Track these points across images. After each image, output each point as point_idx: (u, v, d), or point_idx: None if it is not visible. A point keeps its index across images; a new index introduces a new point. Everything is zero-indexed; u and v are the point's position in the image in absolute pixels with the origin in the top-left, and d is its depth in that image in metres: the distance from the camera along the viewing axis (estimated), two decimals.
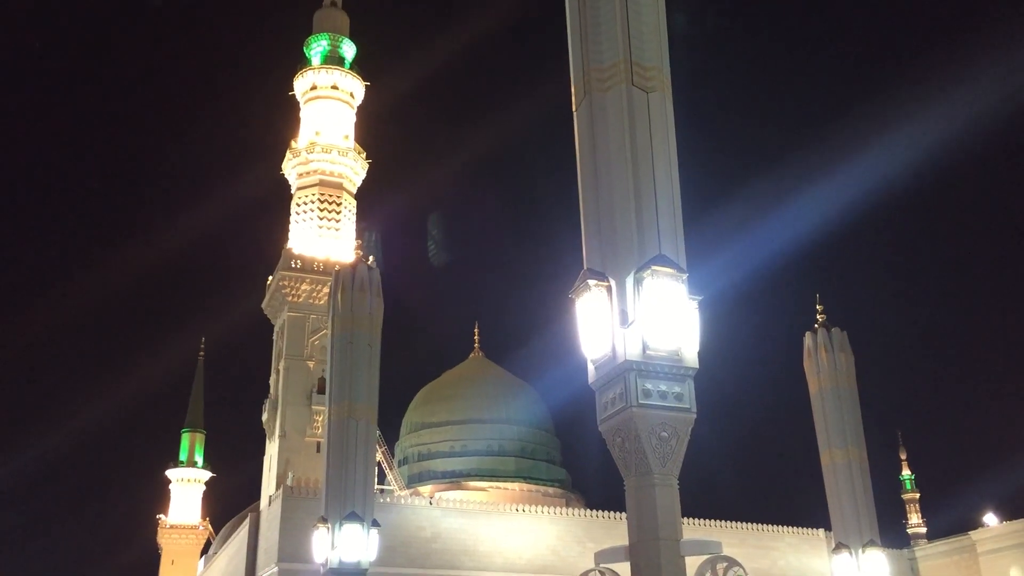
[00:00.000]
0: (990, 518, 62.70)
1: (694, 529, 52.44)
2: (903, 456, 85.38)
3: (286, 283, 61.85)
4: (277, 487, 53.83)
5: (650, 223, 13.06)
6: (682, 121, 14.20)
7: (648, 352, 12.11)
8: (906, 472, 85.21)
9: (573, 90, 14.59)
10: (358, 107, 69.41)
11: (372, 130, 70.90)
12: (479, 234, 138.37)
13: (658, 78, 14.03)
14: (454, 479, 66.92)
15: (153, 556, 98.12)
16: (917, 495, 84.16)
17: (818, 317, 39.74)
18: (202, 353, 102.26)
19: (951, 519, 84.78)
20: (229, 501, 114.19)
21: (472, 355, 76.84)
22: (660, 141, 13.72)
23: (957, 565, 58.61)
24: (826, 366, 38.48)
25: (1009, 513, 61.42)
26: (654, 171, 13.46)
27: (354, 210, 66.63)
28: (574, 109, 14.51)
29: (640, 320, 12.17)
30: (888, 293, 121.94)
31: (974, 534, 58.13)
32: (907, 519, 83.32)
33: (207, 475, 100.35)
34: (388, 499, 53.31)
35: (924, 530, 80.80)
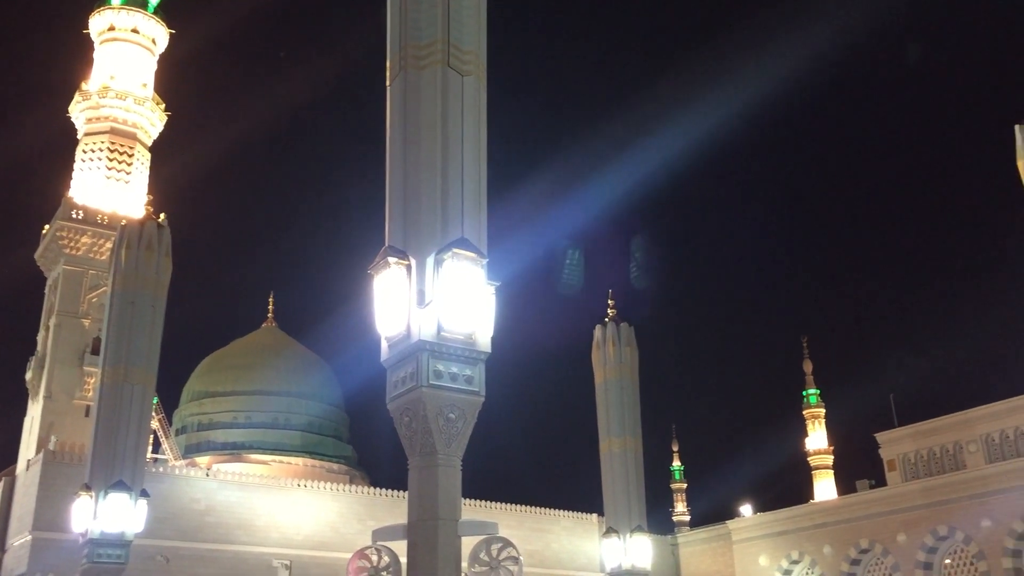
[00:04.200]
0: (746, 509, 67.79)
1: (475, 510, 53.47)
2: (675, 448, 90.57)
3: (64, 234, 57.76)
4: (37, 451, 50.38)
5: (455, 206, 13.11)
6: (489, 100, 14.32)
7: (443, 333, 12.18)
8: (676, 463, 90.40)
9: (388, 64, 14.37)
10: (160, 55, 65.61)
11: (173, 80, 67.29)
12: (279, 200, 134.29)
13: (475, 62, 14.07)
14: (235, 451, 64.99)
15: None
16: (684, 485, 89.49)
17: (609, 311, 41.42)
18: None
19: (713, 508, 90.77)
20: None
21: (265, 325, 74.72)
22: (471, 126, 13.78)
23: (714, 552, 62.90)
24: (612, 358, 40.17)
25: (762, 505, 66.71)
26: (463, 155, 13.51)
27: (147, 163, 63.02)
28: (387, 83, 14.31)
29: (437, 301, 12.21)
30: (675, 286, 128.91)
31: (730, 523, 62.54)
32: (674, 507, 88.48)
33: None
34: (161, 469, 51.11)
35: (688, 518, 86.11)
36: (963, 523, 48.74)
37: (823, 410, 78.45)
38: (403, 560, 12.04)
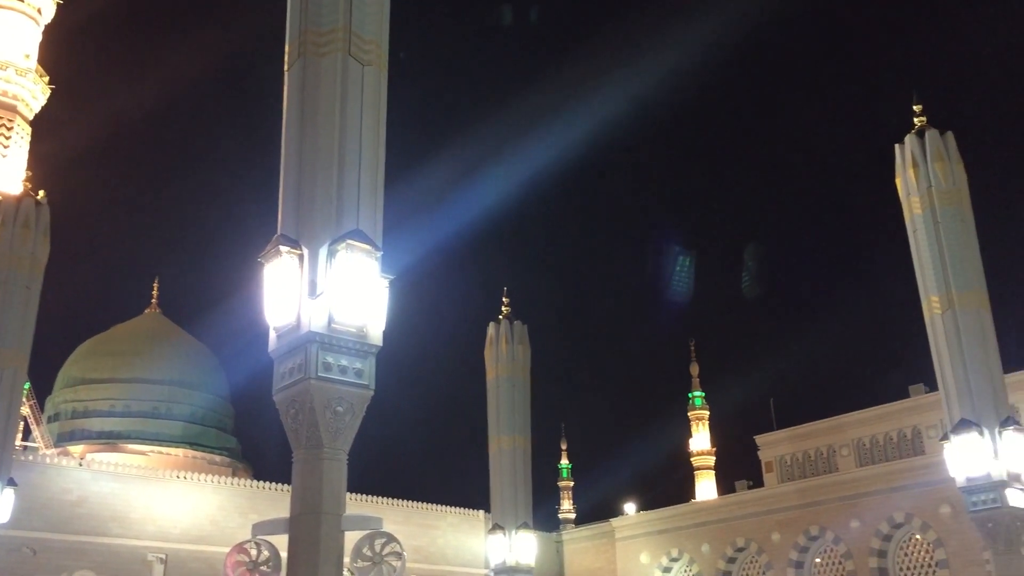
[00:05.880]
0: (630, 507, 69.11)
1: (360, 505, 52.89)
2: (563, 447, 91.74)
3: None
4: None
5: (351, 197, 12.96)
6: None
7: (334, 325, 12.03)
8: (564, 461, 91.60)
9: (287, 48, 14.09)
10: (46, 25, 62.75)
11: (59, 52, 64.43)
12: (167, 180, 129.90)
13: (376, 52, 13.93)
14: (111, 440, 62.71)
15: None
16: (571, 483, 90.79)
17: (503, 309, 41.58)
18: None
19: (598, 506, 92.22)
20: None
21: (148, 311, 72.25)
22: (370, 117, 13.64)
23: (597, 549, 63.90)
24: (504, 356, 40.35)
25: (645, 503, 68.15)
26: (361, 146, 13.37)
27: (28, 137, 60.16)
28: (286, 69, 14.03)
29: (329, 292, 12.05)
30: (568, 286, 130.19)
31: (614, 521, 63.65)
32: (560, 504, 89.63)
33: None
34: (31, 457, 48.89)
35: (573, 515, 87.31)
36: (833, 524, 50.80)
37: (707, 412, 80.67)
38: (284, 555, 11.83)
